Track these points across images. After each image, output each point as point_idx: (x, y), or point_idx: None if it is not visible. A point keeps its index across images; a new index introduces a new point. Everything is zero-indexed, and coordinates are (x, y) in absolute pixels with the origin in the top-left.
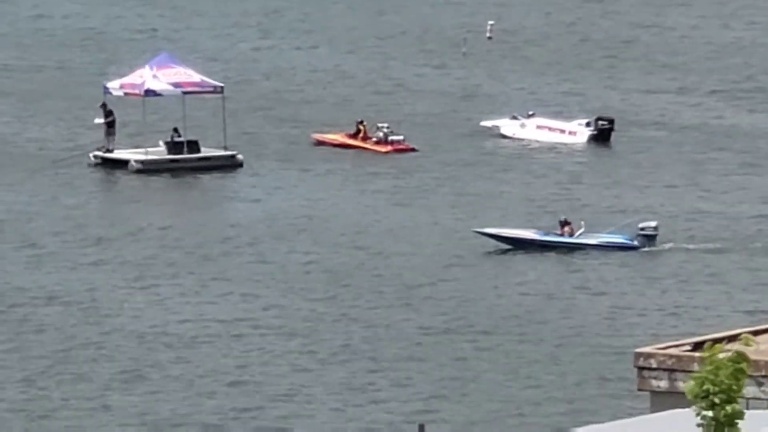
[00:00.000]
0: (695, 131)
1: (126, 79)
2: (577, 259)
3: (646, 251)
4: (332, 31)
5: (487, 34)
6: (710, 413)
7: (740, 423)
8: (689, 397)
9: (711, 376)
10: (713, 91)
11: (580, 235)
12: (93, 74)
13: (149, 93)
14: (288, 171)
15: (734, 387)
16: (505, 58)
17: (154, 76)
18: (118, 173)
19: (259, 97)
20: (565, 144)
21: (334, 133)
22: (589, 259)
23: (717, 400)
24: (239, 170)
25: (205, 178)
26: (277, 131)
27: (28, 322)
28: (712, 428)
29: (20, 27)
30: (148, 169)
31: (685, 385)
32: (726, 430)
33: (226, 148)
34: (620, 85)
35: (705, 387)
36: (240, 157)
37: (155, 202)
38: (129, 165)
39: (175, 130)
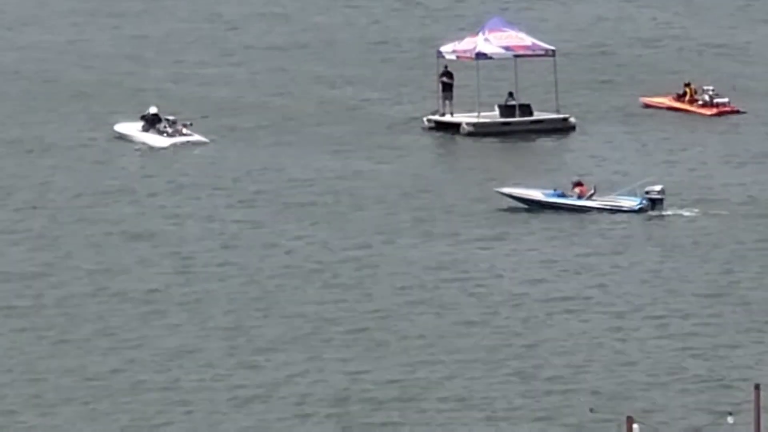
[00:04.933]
0: None
1: (459, 44)
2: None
3: None
4: None
5: None
6: None
7: None
8: None
9: None
10: None
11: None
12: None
13: (480, 56)
14: (619, 134)
15: None
16: None
17: (486, 40)
18: (451, 136)
19: (590, 60)
20: None
21: (662, 96)
22: None
23: None
24: (571, 133)
25: (538, 141)
26: (607, 95)
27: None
28: None
29: None
30: (480, 132)
31: None
32: None
33: (558, 111)
34: None
35: None
36: (572, 120)
37: (487, 166)
38: (461, 128)
39: (510, 93)
